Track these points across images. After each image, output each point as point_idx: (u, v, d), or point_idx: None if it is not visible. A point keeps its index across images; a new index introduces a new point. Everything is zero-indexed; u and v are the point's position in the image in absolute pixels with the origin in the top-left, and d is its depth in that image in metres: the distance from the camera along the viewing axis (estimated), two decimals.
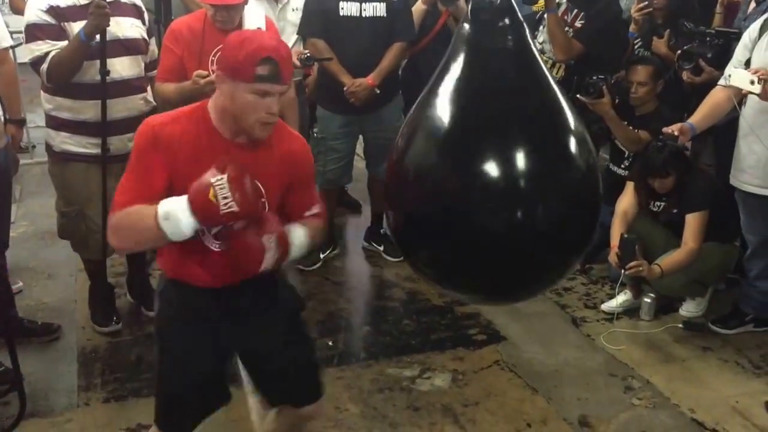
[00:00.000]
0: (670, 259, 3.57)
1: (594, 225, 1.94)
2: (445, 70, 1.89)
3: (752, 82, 2.96)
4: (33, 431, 2.93)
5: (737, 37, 3.72)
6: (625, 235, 3.55)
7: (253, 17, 3.35)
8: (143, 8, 3.40)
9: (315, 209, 2.12)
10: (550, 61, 4.13)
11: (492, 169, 1.75)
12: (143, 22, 3.37)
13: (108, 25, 3.06)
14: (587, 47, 4.05)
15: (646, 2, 4.01)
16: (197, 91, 3.18)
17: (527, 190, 1.77)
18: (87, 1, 3.08)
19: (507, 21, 1.83)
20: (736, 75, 3.07)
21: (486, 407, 3.13)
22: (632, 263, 3.49)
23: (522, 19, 1.88)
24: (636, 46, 4.20)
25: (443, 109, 1.84)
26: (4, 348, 2.95)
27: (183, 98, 3.28)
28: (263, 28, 3.35)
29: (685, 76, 3.78)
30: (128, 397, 3.14)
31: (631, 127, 3.94)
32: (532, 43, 1.88)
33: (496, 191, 1.75)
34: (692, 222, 3.55)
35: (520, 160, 1.76)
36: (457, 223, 1.78)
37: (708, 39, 3.78)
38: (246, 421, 3.05)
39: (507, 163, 1.75)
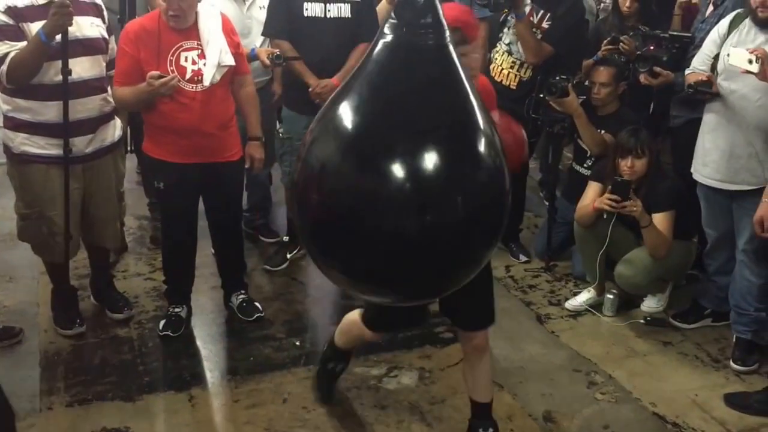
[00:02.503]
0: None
1: (501, 223, 1.95)
2: (361, 68, 1.85)
3: (750, 62, 2.97)
4: None
5: (691, 41, 3.81)
6: (618, 178, 3.56)
7: (208, 15, 3.32)
8: (102, 6, 3.37)
9: None
10: (519, 62, 4.17)
11: (400, 169, 1.72)
12: (103, 20, 3.34)
13: (71, 25, 3.02)
14: (557, 48, 4.10)
15: (613, 46, 4.06)
16: (153, 93, 3.16)
17: (435, 190, 1.76)
18: (45, 1, 3.04)
19: (429, 20, 1.80)
20: (734, 54, 3.08)
21: (452, 404, 3.16)
22: (626, 203, 3.51)
23: (442, 19, 1.85)
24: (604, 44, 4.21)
25: (352, 108, 1.81)
26: None
27: (139, 101, 3.24)
28: (219, 25, 3.32)
29: (642, 78, 3.84)
30: (92, 401, 3.11)
31: (596, 129, 3.99)
32: (450, 45, 1.85)
33: (404, 191, 1.73)
34: (660, 221, 3.59)
35: (429, 160, 1.75)
36: (365, 224, 1.76)
37: (663, 42, 3.85)
38: (211, 423, 3.05)
39: (415, 163, 1.73)
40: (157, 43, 3.20)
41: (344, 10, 3.83)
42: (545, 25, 4.11)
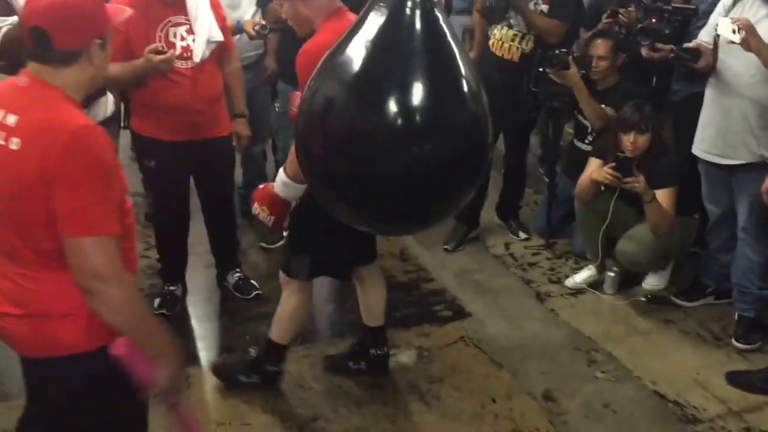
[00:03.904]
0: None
1: (484, 164, 2.21)
2: (358, 25, 2.06)
3: (734, 32, 2.95)
4: None
5: (694, 13, 3.74)
6: (621, 155, 3.51)
7: None
8: None
9: None
10: (520, 34, 4.05)
11: (394, 113, 1.96)
12: None
13: None
14: (567, 21, 3.99)
15: (612, 19, 3.98)
16: (151, 70, 3.08)
17: (423, 132, 2.00)
18: None
19: None
20: (722, 24, 3.06)
21: (451, 383, 3.13)
22: (629, 178, 3.46)
23: None
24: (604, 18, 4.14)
25: (353, 59, 2.02)
26: None
27: (134, 77, 3.16)
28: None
29: (644, 52, 3.77)
30: None
31: (597, 103, 3.92)
32: (437, 10, 2.05)
33: (397, 131, 1.97)
34: (662, 198, 3.54)
35: (419, 106, 1.99)
36: (362, 160, 1.99)
37: (666, 15, 3.78)
38: (208, 403, 3.01)
39: (407, 106, 1.99)
40: (146, 19, 3.11)
41: None
42: None
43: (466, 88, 2.06)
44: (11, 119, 1.75)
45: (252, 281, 3.74)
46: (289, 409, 2.96)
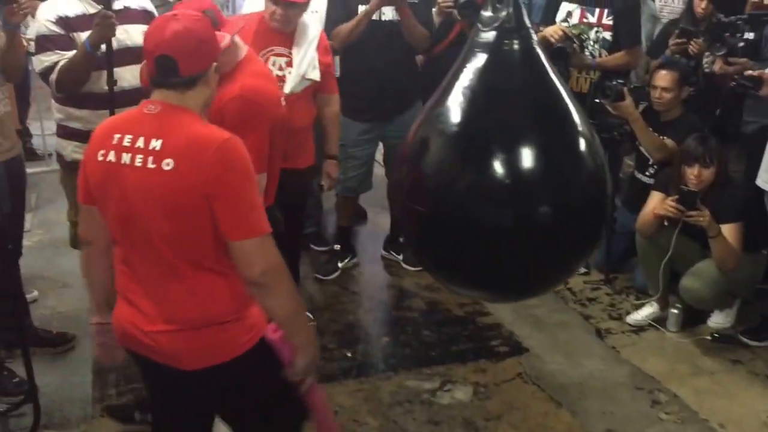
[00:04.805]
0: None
1: (600, 225, 1.99)
2: (457, 73, 1.97)
3: None
4: None
5: None
6: (685, 188, 3.42)
7: (309, 26, 3.28)
8: (155, 14, 3.36)
9: None
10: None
11: (501, 167, 1.83)
12: None
13: (113, 35, 3.01)
14: (637, 45, 3.98)
15: (685, 38, 3.92)
16: None
17: (534, 188, 1.85)
18: (96, 11, 3.05)
19: (515, 26, 1.92)
20: None
21: (508, 421, 3.05)
22: (693, 212, 3.36)
23: (529, 25, 1.96)
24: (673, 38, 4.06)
25: (455, 109, 1.93)
26: (18, 358, 2.93)
27: None
28: (315, 39, 3.28)
29: (718, 66, 3.68)
30: None
31: (655, 134, 3.84)
32: (538, 49, 1.95)
33: (504, 189, 1.84)
34: (728, 233, 3.42)
35: (528, 159, 1.85)
36: (466, 219, 1.87)
37: (740, 24, 3.68)
38: None
39: (515, 162, 1.85)
40: (251, 43, 3.13)
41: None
42: (607, 21, 3.94)
43: (578, 135, 1.89)
44: (156, 143, 1.85)
45: (306, 313, 3.72)
46: None
